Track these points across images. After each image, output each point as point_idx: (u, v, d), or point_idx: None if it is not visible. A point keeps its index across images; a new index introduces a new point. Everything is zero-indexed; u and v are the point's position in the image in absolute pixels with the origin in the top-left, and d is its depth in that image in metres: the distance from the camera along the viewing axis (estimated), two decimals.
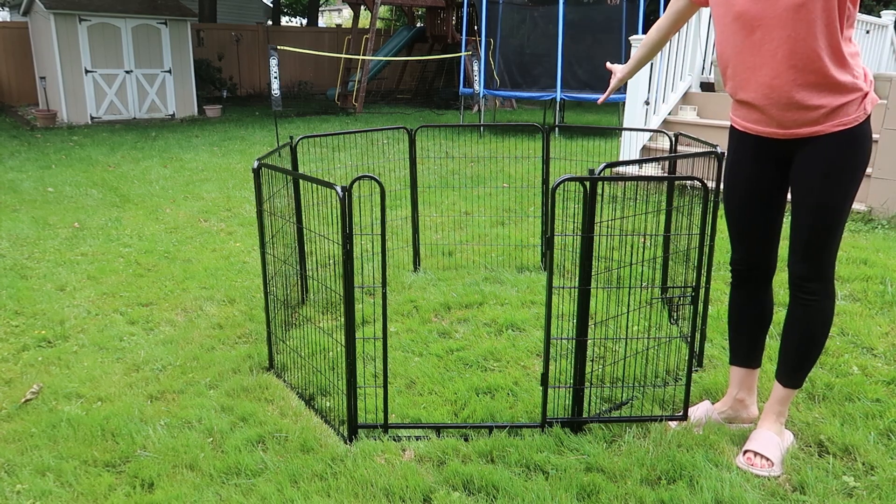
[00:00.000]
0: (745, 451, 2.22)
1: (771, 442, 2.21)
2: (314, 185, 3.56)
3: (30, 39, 14.00)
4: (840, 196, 2.02)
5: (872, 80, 2.02)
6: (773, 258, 2.30)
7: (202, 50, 16.72)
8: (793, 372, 2.22)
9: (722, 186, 2.35)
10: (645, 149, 6.76)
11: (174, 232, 5.14)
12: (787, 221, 2.80)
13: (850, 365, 2.86)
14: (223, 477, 2.20)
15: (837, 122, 1.97)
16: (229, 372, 2.91)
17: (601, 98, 2.67)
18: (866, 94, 1.98)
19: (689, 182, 2.48)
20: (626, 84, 6.77)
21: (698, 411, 2.46)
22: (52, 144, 9.65)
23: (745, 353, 2.40)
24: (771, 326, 2.71)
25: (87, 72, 12.34)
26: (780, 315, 3.11)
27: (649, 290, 3.72)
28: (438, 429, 2.43)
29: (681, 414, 2.45)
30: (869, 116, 2.01)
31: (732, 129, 2.26)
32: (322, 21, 35.25)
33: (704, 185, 2.29)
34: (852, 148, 1.99)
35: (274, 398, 2.69)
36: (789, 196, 2.19)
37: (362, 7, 15.72)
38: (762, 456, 2.17)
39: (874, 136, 5.42)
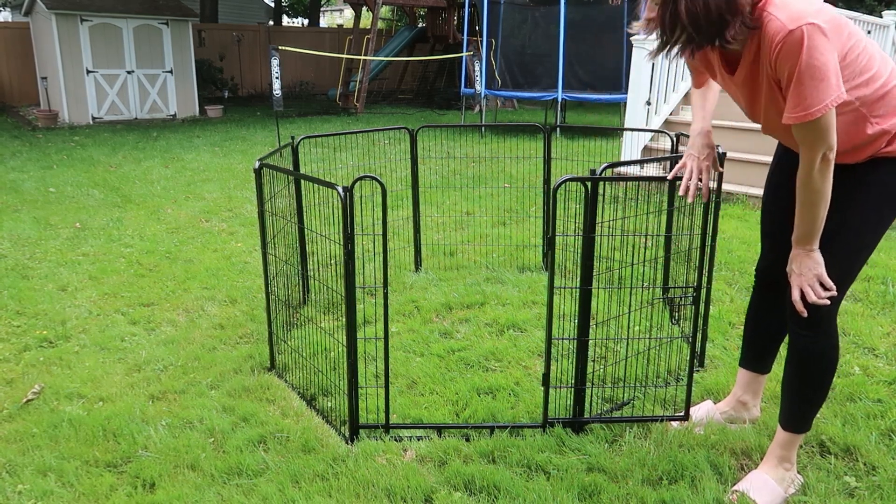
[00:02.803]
0: (734, 491, 2.07)
1: (765, 486, 2.04)
2: (315, 186, 3.56)
3: (31, 40, 14.01)
4: (856, 218, 1.90)
5: (830, 159, 1.80)
6: None
7: (203, 50, 16.72)
8: (791, 415, 2.07)
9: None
10: (646, 149, 6.76)
11: (175, 232, 5.14)
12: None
13: (851, 365, 2.86)
14: (224, 477, 2.20)
15: (874, 151, 1.88)
16: (230, 372, 2.91)
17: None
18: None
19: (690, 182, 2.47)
20: (627, 84, 6.77)
21: (700, 411, 2.45)
22: (54, 145, 9.65)
23: (756, 357, 2.35)
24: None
25: (88, 72, 12.35)
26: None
27: (651, 290, 3.72)
28: (440, 429, 2.43)
29: (682, 414, 2.45)
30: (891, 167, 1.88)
31: None
32: (323, 21, 35.26)
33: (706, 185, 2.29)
34: (882, 174, 1.88)
35: (275, 398, 2.69)
36: None
37: (364, 7, 15.72)
38: (750, 499, 2.03)
39: None
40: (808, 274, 1.90)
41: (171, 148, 9.39)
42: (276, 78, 8.52)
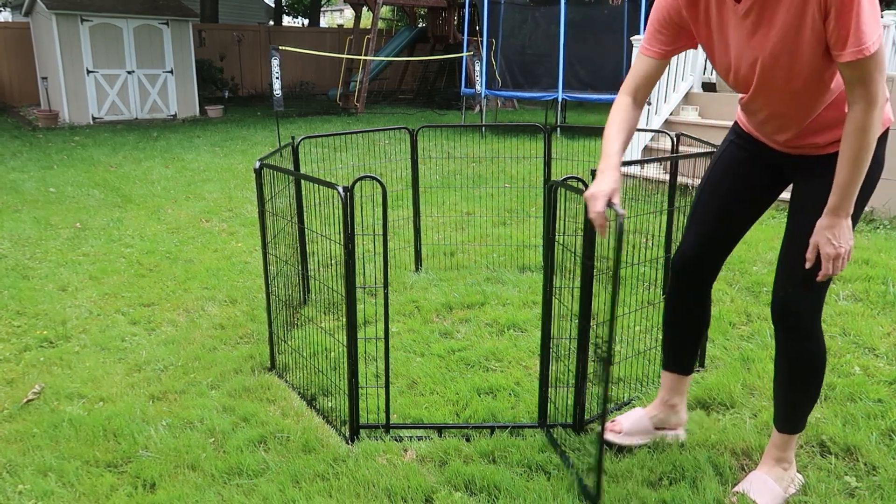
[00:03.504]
0: (734, 493, 2.05)
1: (765, 486, 2.03)
2: (316, 186, 3.56)
3: (31, 40, 14.02)
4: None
5: (887, 97, 1.76)
6: (721, 263, 2.17)
7: (204, 50, 16.73)
8: (785, 417, 2.05)
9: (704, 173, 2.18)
10: (647, 149, 6.76)
11: (176, 232, 5.14)
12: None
13: (851, 365, 2.86)
14: (225, 477, 2.20)
15: (835, 146, 1.84)
16: (231, 372, 2.91)
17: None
18: None
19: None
20: None
21: (630, 418, 2.34)
22: (54, 145, 9.66)
23: (680, 359, 2.29)
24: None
25: (88, 72, 12.36)
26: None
27: (651, 290, 3.72)
28: (440, 429, 2.43)
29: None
30: (880, 138, 1.82)
31: (736, 123, 2.13)
32: (324, 21, 35.26)
33: None
34: None
35: (276, 398, 2.69)
36: (773, 215, 2.07)
37: (364, 7, 15.72)
38: (750, 500, 2.01)
39: None
40: (846, 245, 1.78)
41: (171, 148, 9.40)
42: (277, 78, 8.52)
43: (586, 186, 2.21)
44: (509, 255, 4.43)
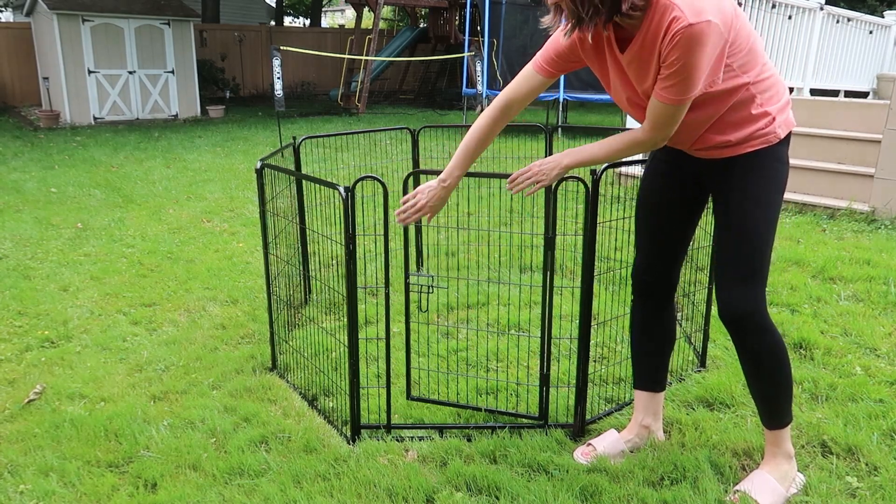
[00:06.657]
0: (735, 491, 2.06)
1: (766, 485, 2.03)
2: (317, 186, 3.56)
3: (33, 40, 14.04)
4: (756, 219, 1.92)
5: (789, 100, 1.94)
6: (677, 272, 2.22)
7: (205, 50, 16.75)
8: (768, 414, 2.07)
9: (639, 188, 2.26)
10: None
11: (177, 232, 5.14)
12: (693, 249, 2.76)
13: (853, 365, 2.86)
14: (226, 477, 2.20)
15: (747, 145, 1.92)
16: (232, 372, 2.92)
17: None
18: (774, 119, 1.91)
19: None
20: None
21: (605, 441, 2.31)
22: (55, 145, 9.67)
23: (651, 376, 2.29)
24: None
25: (90, 72, 12.37)
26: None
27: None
28: (441, 429, 2.44)
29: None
30: (783, 140, 1.94)
31: None
32: (325, 21, 35.28)
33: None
34: (763, 170, 1.92)
35: (277, 398, 2.69)
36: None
37: (365, 7, 15.73)
38: (752, 499, 2.01)
39: (876, 136, 5.41)
40: (549, 174, 2.01)
41: (172, 148, 9.40)
42: (278, 78, 8.53)
43: (587, 186, 2.22)
44: (510, 255, 4.43)
